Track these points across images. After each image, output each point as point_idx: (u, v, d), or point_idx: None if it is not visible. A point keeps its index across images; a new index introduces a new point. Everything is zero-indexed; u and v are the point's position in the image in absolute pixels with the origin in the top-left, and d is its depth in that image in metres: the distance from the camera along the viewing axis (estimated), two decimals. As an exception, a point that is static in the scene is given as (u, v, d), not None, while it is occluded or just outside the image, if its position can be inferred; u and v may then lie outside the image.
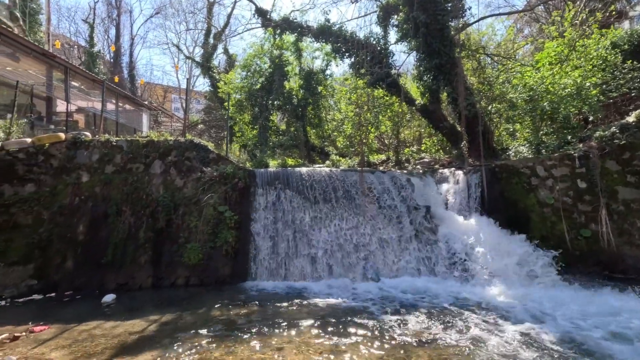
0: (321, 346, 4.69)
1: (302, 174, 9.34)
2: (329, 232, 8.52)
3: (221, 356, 4.43)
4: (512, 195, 8.96)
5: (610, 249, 7.79)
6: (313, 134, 16.46)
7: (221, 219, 8.43)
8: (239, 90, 15.60)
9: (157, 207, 8.43)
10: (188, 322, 5.71)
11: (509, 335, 4.96)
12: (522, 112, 10.67)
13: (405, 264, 8.16)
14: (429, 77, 12.01)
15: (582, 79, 9.64)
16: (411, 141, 15.93)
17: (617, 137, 8.04)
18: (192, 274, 8.11)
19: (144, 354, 4.54)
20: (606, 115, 10.44)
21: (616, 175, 8.05)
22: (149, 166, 8.83)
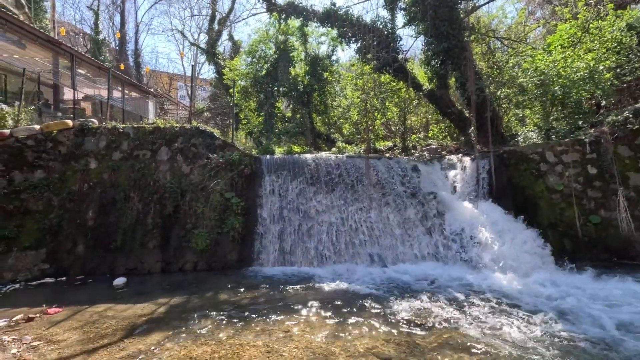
0: (326, 328, 4.75)
1: (308, 161, 9.33)
2: (335, 218, 8.54)
3: (228, 337, 4.51)
4: (521, 182, 8.86)
5: (618, 235, 7.71)
6: (319, 120, 16.35)
7: (228, 205, 8.49)
8: (244, 76, 15.48)
9: (165, 193, 8.51)
10: (196, 305, 5.81)
11: (513, 319, 4.96)
12: (532, 97, 10.45)
13: (410, 249, 8.17)
14: (436, 61, 11.77)
15: (595, 62, 9.37)
16: (418, 128, 15.75)
17: (630, 122, 7.86)
18: (200, 259, 8.23)
19: (153, 335, 4.65)
20: (619, 100, 10.18)
21: (628, 161, 7.90)
22: (156, 153, 8.88)
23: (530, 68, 10.38)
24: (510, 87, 11.44)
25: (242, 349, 4.19)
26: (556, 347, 4.15)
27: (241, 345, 4.28)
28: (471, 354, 4.02)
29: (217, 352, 4.11)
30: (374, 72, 12.61)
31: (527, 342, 4.29)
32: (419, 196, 8.88)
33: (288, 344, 4.32)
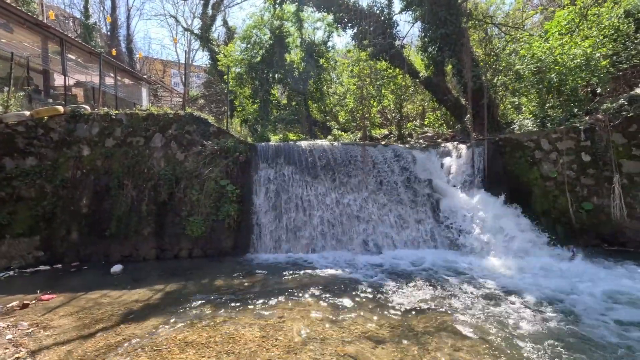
0: (321, 313, 4.80)
1: (304, 148, 9.28)
2: (330, 205, 8.55)
3: (223, 322, 4.55)
4: (515, 169, 8.90)
5: (609, 222, 7.81)
6: (315, 108, 16.21)
7: (223, 192, 8.45)
8: (239, 63, 15.23)
9: (159, 180, 8.45)
10: (191, 291, 5.84)
11: (504, 303, 5.05)
12: (528, 85, 10.41)
13: (405, 236, 8.23)
14: (434, 48, 11.66)
15: (592, 49, 9.32)
16: (414, 115, 15.69)
17: (625, 109, 7.88)
18: (195, 246, 8.23)
19: (149, 320, 4.67)
20: (615, 87, 10.17)
21: (621, 148, 7.95)
22: (150, 140, 8.77)
23: (527, 55, 10.30)
24: (506, 74, 11.38)
25: (238, 334, 4.22)
26: (545, 329, 4.23)
27: (237, 330, 4.32)
28: (463, 337, 4.09)
29: (213, 337, 4.14)
30: (370, 59, 12.48)
31: (518, 324, 4.37)
32: (415, 183, 8.90)
33: (283, 328, 4.36)
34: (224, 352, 3.79)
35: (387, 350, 3.80)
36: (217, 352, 3.78)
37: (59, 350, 3.89)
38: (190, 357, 3.69)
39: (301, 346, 3.90)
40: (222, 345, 3.95)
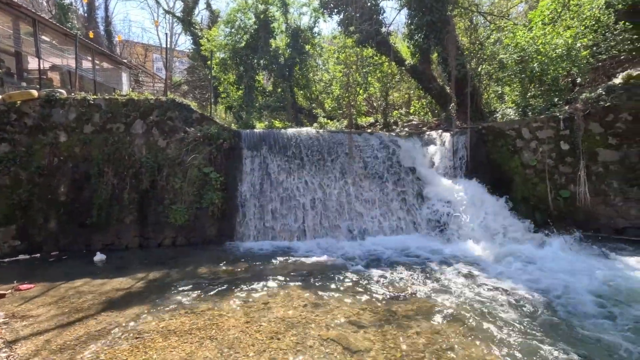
0: (305, 299, 4.85)
1: (289, 136, 9.21)
2: (315, 192, 8.56)
3: (207, 309, 4.55)
4: (497, 158, 9.06)
5: (586, 209, 8.08)
6: (300, 95, 16.03)
7: (206, 180, 8.35)
8: (223, 48, 14.84)
9: (141, 168, 8.27)
10: (175, 279, 5.80)
11: (482, 287, 5.20)
12: (511, 74, 10.53)
13: (389, 223, 8.34)
14: (420, 35, 11.62)
15: (573, 39, 9.46)
16: (400, 104, 15.72)
17: (603, 99, 8.06)
18: (179, 234, 8.16)
19: (131, 308, 4.63)
20: (594, 78, 10.39)
21: (598, 137, 8.17)
22: (130, 126, 8.54)
23: (511, 44, 10.40)
24: (490, 63, 11.47)
25: (221, 320, 4.24)
26: (520, 311, 4.39)
27: (220, 316, 4.34)
28: (442, 320, 4.21)
29: (196, 324, 4.15)
30: (357, 46, 12.36)
31: (494, 307, 4.51)
32: (399, 171, 8.98)
33: (267, 314, 4.40)
34: (207, 338, 3.80)
35: (369, 334, 3.88)
36: (200, 339, 3.79)
37: (36, 340, 3.82)
38: (173, 344, 3.68)
39: (284, 331, 3.95)
40: (205, 331, 3.96)
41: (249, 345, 3.65)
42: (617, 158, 7.93)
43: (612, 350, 3.52)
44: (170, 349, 3.59)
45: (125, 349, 3.61)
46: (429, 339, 3.76)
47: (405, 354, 3.47)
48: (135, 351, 3.56)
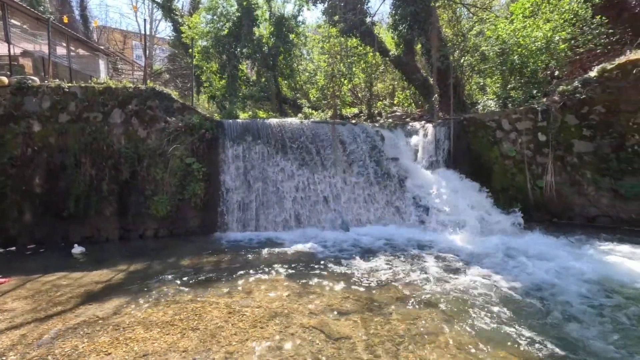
0: (288, 288, 4.89)
1: (272, 126, 9.13)
2: (300, 183, 8.56)
3: (190, 300, 4.53)
4: (478, 148, 9.25)
5: (560, 198, 8.37)
6: (285, 85, 15.87)
7: (189, 170, 8.22)
8: (205, 35, 14.48)
9: (120, 158, 8.07)
10: (157, 270, 5.74)
11: (461, 274, 5.35)
12: (493, 66, 10.69)
13: (373, 213, 8.44)
14: (404, 26, 11.63)
15: (552, 32, 9.66)
16: (384, 95, 15.77)
17: (578, 92, 8.30)
18: (161, 226, 8.05)
19: (111, 300, 4.57)
20: (571, 71, 10.66)
21: (574, 129, 8.43)
22: (108, 115, 8.29)
23: (493, 36, 10.54)
24: (473, 55, 11.61)
25: (204, 311, 4.23)
26: (496, 296, 4.55)
27: (203, 307, 4.33)
28: (421, 306, 4.32)
29: (179, 314, 4.13)
30: (341, 35, 12.29)
31: (471, 293, 4.66)
32: (382, 161, 9.06)
33: (250, 304, 4.42)
34: (189, 329, 3.79)
35: (351, 321, 3.95)
36: (182, 329, 3.78)
37: (12, 335, 3.74)
38: (154, 335, 3.67)
39: (267, 320, 3.98)
40: (188, 322, 3.95)
41: (231, 335, 3.67)
42: (590, 149, 8.22)
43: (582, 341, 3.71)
44: (152, 340, 3.57)
45: (105, 341, 3.57)
46: (408, 324, 3.87)
47: (386, 340, 3.56)
48: (115, 343, 3.53)
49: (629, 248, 6.32)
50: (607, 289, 4.68)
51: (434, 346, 3.44)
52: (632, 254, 6.00)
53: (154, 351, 3.37)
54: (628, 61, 7.89)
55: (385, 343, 3.50)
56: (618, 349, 3.37)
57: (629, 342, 3.50)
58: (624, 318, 3.96)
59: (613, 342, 3.49)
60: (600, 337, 3.57)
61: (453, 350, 3.36)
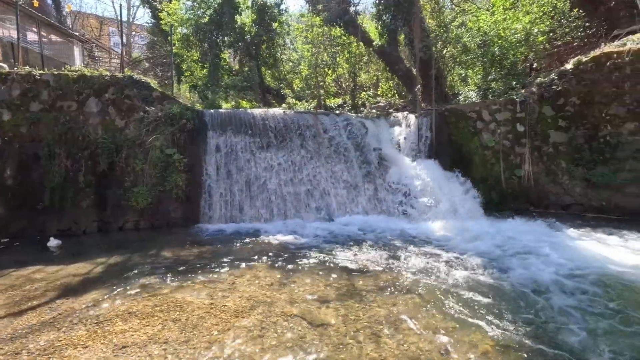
0: (271, 279, 4.91)
1: (256, 116, 9.03)
2: (283, 173, 8.53)
3: (171, 292, 4.49)
4: (459, 139, 9.40)
5: (536, 187, 8.64)
6: (268, 75, 15.66)
7: (169, 162, 8.06)
8: (185, 23, 14.07)
9: (97, 149, 7.84)
10: (137, 263, 5.65)
11: (441, 262, 5.48)
12: (474, 57, 10.83)
13: (356, 203, 8.51)
14: (387, 16, 11.62)
15: (531, 25, 9.83)
16: (368, 85, 15.78)
17: (555, 84, 8.52)
18: (142, 218, 7.90)
19: (89, 293, 4.48)
20: (549, 63, 10.93)
21: (550, 120, 8.67)
22: (83, 104, 8.01)
23: (474, 28, 10.65)
24: (455, 46, 11.72)
25: (186, 302, 4.20)
26: (473, 283, 4.69)
27: (184, 298, 4.30)
28: (401, 293, 4.41)
29: (159, 306, 4.09)
30: (325, 25, 12.17)
31: (450, 280, 4.78)
32: (365, 152, 9.12)
33: (233, 294, 4.41)
34: (170, 320, 3.76)
35: (332, 309, 4.01)
36: (163, 321, 3.75)
37: (-16, 330, 3.63)
38: (134, 327, 3.62)
39: (250, 310, 3.99)
40: (169, 313, 3.92)
41: (213, 325, 3.66)
42: (565, 140, 8.48)
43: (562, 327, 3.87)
44: (132, 332, 3.53)
45: (83, 334, 3.50)
46: (388, 310, 3.95)
47: (366, 326, 3.62)
48: (93, 336, 3.47)
49: (599, 234, 6.60)
50: (577, 274, 4.88)
51: (412, 331, 3.53)
52: (601, 240, 6.28)
53: (133, 343, 3.34)
54: (602, 54, 8.13)
55: (366, 329, 3.57)
56: (582, 328, 3.53)
57: (591, 318, 3.67)
58: (593, 301, 4.15)
59: (580, 321, 3.65)
60: (568, 317, 3.74)
61: (430, 334, 3.46)
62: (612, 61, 7.92)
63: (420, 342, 3.32)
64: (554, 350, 3.17)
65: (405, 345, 3.27)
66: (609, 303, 4.05)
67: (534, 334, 3.44)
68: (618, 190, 7.86)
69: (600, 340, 3.34)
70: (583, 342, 3.32)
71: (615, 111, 7.92)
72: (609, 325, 3.59)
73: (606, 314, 3.82)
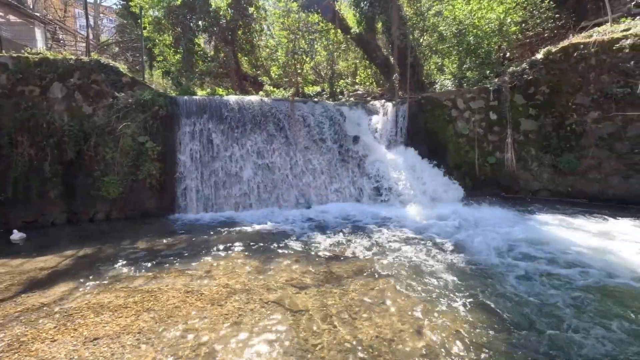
0: (248, 266, 4.89)
1: (231, 103, 8.83)
2: (260, 161, 8.44)
3: (145, 282, 4.40)
4: (434, 127, 9.56)
5: (509, 174, 8.95)
6: (245, 61, 15.28)
7: (142, 150, 7.80)
8: (156, 5, 13.44)
9: (63, 137, 7.47)
10: (109, 254, 5.49)
11: (418, 247, 5.62)
12: (450, 46, 10.97)
13: (334, 190, 8.56)
14: (365, 3, 11.55)
15: (504, 15, 10.02)
16: (347, 73, 15.73)
17: (526, 73, 8.77)
18: (114, 208, 7.65)
19: (58, 286, 4.33)
20: (522, 53, 11.21)
21: (521, 108, 8.95)
22: (47, 89, 7.58)
23: (450, 17, 10.75)
24: (431, 35, 11.81)
25: (160, 292, 4.13)
26: (446, 264, 4.84)
27: (159, 289, 4.22)
28: (378, 277, 4.51)
29: (133, 297, 4.00)
30: (302, 11, 11.94)
31: (426, 263, 4.92)
32: (343, 140, 9.13)
33: (209, 283, 4.37)
34: (144, 310, 3.69)
35: (309, 295, 4.04)
36: (137, 311, 3.68)
37: (-58, 327, 3.44)
38: (106, 319, 3.53)
39: (226, 297, 3.97)
40: (143, 304, 3.84)
41: (189, 313, 3.62)
42: (535, 127, 8.79)
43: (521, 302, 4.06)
44: (103, 324, 3.44)
45: (51, 328, 3.39)
46: (364, 295, 4.02)
47: (343, 310, 3.69)
48: (62, 329, 3.36)
49: (564, 217, 6.94)
50: (544, 257, 5.12)
51: (388, 313, 3.62)
52: (565, 222, 6.61)
53: (105, 334, 3.26)
54: (570, 45, 8.41)
55: (343, 313, 3.63)
56: (549, 305, 3.73)
57: (554, 292, 3.88)
58: (559, 280, 4.38)
59: (546, 299, 3.86)
60: (534, 296, 3.93)
61: (405, 316, 3.56)
62: (578, 52, 8.21)
63: (395, 324, 3.42)
64: (515, 321, 3.34)
65: (380, 328, 3.36)
66: (570, 283, 4.29)
67: (501, 311, 3.60)
68: (582, 176, 8.25)
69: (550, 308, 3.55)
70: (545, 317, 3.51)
71: (580, 101, 8.26)
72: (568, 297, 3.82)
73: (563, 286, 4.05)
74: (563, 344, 3.08)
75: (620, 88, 7.73)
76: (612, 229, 6.23)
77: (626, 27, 8.00)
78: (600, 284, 4.19)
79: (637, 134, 7.64)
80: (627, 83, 7.66)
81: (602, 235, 5.91)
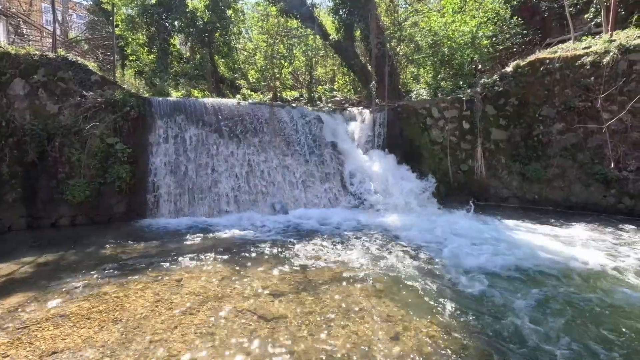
0: (222, 273, 4.74)
1: (207, 106, 8.65)
2: (236, 166, 8.29)
3: (111, 291, 4.17)
4: (410, 134, 9.77)
5: (481, 181, 9.25)
6: (222, 64, 15.07)
7: (111, 152, 7.47)
8: (130, 2, 13.06)
9: (24, 137, 7.04)
10: (72, 261, 5.18)
11: (394, 252, 5.66)
12: (425, 56, 11.28)
13: (311, 196, 8.52)
14: (344, 11, 11.69)
15: (476, 28, 10.44)
16: (325, 79, 15.84)
17: (497, 85, 9.15)
18: (79, 213, 7.26)
19: (13, 297, 4.02)
20: (493, 66, 11.71)
21: (492, 118, 9.30)
22: (7, 86, 7.13)
23: (426, 28, 11.07)
24: (408, 45, 12.11)
25: (128, 301, 3.92)
26: (421, 269, 4.91)
27: (127, 297, 4.01)
28: (354, 283, 4.49)
29: (97, 307, 3.77)
30: (281, 15, 11.95)
31: (402, 269, 4.96)
32: (321, 145, 9.14)
33: (179, 291, 4.20)
34: (109, 321, 3.49)
35: (285, 302, 3.96)
36: (101, 322, 3.46)
37: None
38: (66, 331, 3.30)
39: (198, 306, 3.82)
40: (108, 314, 3.63)
41: (158, 323, 3.45)
42: (505, 137, 9.15)
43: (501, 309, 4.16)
44: (63, 337, 3.22)
45: (4, 342, 3.13)
46: (341, 301, 3.99)
47: (319, 317, 3.63)
48: (17, 343, 3.11)
49: (530, 224, 7.25)
50: (514, 261, 5.29)
51: (364, 320, 3.60)
52: (531, 229, 6.90)
53: (65, 348, 3.04)
54: (537, 59, 8.86)
55: (319, 320, 3.57)
56: (525, 309, 3.84)
57: (529, 296, 4.01)
58: (531, 282, 4.53)
59: (517, 302, 3.97)
60: (506, 298, 4.04)
61: (381, 322, 3.55)
62: (544, 66, 8.66)
63: (372, 330, 3.40)
64: (493, 327, 3.41)
65: (357, 334, 3.33)
66: (539, 286, 4.45)
67: (474, 316, 3.67)
68: (548, 184, 8.65)
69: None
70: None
71: (546, 112, 8.69)
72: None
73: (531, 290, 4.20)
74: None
75: (582, 102, 8.20)
76: (563, 233, 6.70)
77: (587, 44, 8.53)
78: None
79: (597, 145, 8.12)
80: (588, 97, 8.15)
81: (555, 238, 6.34)
